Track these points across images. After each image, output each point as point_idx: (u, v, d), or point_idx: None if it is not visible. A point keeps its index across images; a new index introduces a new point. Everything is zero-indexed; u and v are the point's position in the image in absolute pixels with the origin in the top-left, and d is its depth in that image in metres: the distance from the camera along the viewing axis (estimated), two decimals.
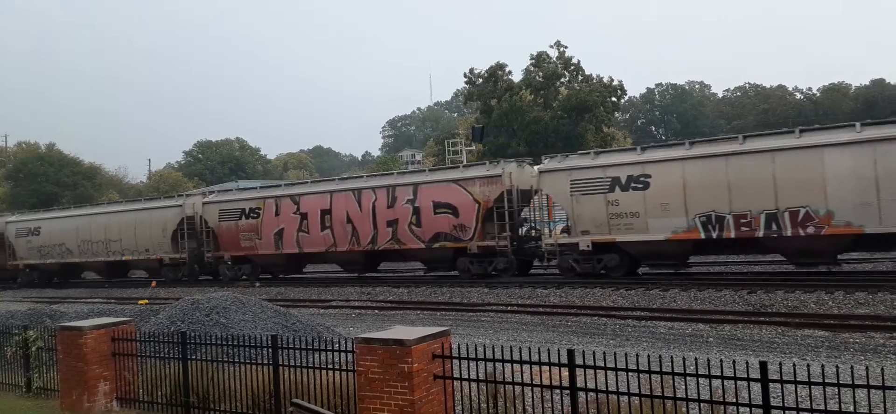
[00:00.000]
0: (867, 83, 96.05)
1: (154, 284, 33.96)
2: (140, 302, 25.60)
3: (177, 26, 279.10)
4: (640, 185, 20.88)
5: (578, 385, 6.40)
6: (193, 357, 9.25)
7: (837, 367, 5.62)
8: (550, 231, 24.71)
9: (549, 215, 26.01)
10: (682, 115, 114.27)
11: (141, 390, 9.81)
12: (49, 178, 68.88)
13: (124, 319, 11.19)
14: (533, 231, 25.83)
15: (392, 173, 30.87)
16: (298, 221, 28.72)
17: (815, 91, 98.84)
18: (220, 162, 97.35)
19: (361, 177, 31.53)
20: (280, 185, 33.80)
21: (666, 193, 20.50)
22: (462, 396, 7.46)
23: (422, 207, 25.37)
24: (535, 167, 24.55)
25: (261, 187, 34.08)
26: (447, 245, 25.01)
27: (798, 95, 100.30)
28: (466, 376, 7.10)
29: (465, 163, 45.61)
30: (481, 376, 7.18)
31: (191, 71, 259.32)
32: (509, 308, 19.62)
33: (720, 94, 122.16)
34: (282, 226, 29.29)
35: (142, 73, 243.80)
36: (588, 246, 22.00)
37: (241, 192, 34.08)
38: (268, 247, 29.83)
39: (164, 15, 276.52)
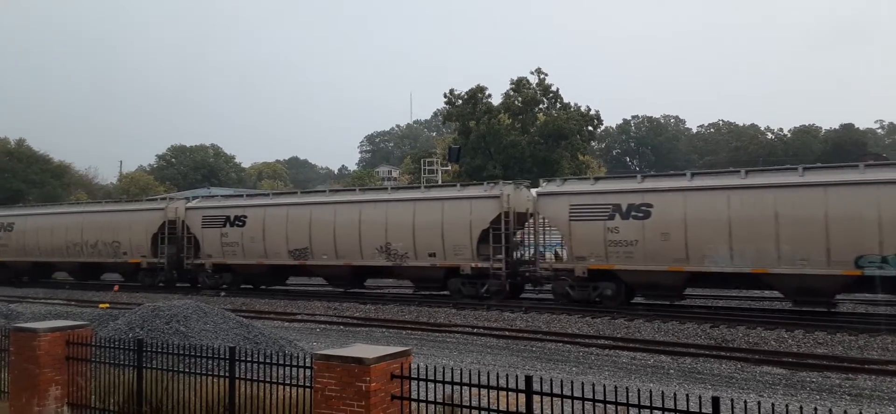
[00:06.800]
0: (837, 127, 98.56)
1: (116, 288, 33.23)
2: (100, 306, 25.11)
3: (155, 26, 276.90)
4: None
5: (535, 412, 6.40)
6: (149, 365, 9.08)
7: (787, 406, 5.71)
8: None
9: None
10: (656, 148, 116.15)
11: (93, 397, 9.58)
12: (16, 175, 67.48)
13: (81, 322, 10.94)
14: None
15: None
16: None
17: (786, 131, 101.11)
18: (193, 167, 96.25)
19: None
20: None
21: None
22: None
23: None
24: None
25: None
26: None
27: (769, 135, 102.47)
28: (425, 398, 7.06)
29: (439, 182, 45.62)
30: (441, 398, 7.16)
31: (167, 73, 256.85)
32: (476, 330, 19.58)
33: (694, 130, 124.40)
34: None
35: (117, 74, 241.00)
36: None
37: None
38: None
39: (143, 14, 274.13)
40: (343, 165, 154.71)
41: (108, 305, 25.25)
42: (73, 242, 35.08)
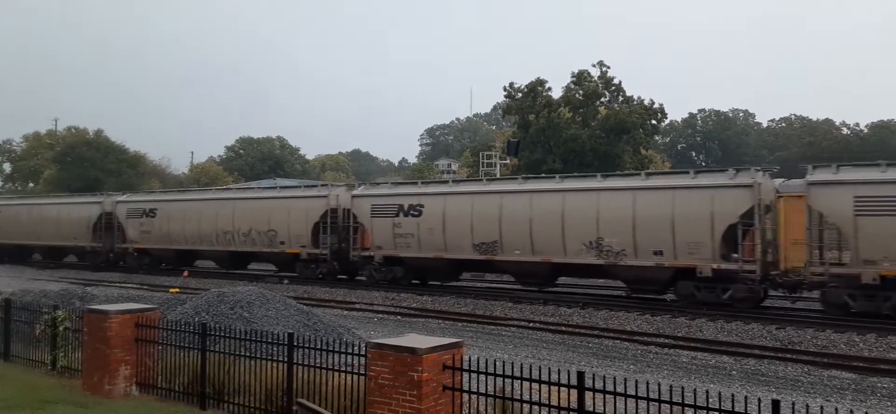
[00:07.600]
0: None
1: (186, 274, 34.18)
2: (171, 290, 26.17)
3: (224, 25, 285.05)
4: None
5: (588, 408, 6.35)
6: (212, 349, 9.44)
7: (851, 411, 5.49)
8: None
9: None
10: (724, 143, 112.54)
11: (160, 378, 10.02)
12: (95, 164, 70.59)
13: (150, 306, 11.45)
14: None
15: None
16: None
17: (862, 127, 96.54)
18: (260, 158, 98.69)
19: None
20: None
21: None
22: (470, 410, 7.46)
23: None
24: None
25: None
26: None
27: (845, 131, 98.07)
28: (476, 390, 7.10)
29: (497, 175, 45.47)
30: (492, 391, 7.18)
31: (236, 68, 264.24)
32: (531, 325, 19.51)
33: (765, 124, 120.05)
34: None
35: (189, 68, 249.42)
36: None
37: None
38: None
39: (211, 12, 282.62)
40: (403, 158, 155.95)
41: (177, 290, 26.29)
42: (224, 229, 33.26)
